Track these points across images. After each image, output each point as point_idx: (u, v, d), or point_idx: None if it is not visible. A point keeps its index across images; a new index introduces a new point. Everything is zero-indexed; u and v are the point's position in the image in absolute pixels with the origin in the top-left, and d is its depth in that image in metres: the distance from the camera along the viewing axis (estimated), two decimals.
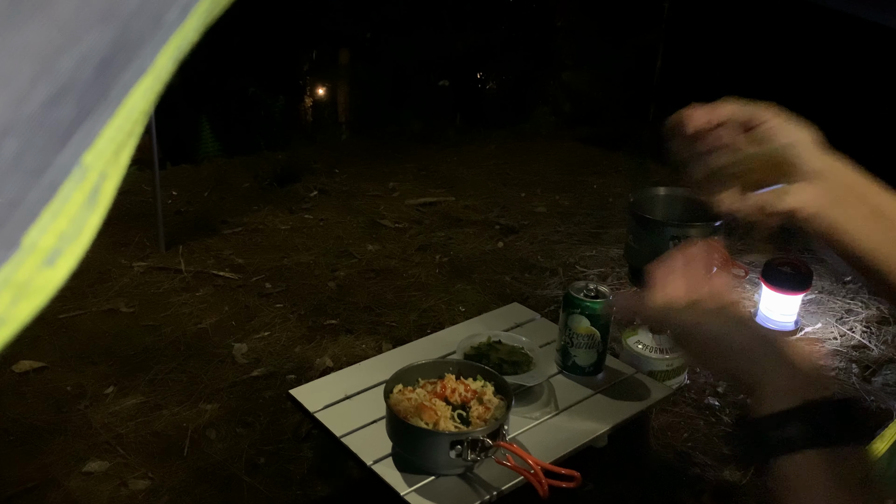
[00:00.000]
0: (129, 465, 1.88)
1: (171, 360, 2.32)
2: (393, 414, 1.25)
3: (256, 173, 4.10)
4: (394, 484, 1.25)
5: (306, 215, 3.58)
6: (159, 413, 2.08)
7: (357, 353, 2.35)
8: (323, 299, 2.74)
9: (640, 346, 1.97)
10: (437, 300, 2.75)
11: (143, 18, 0.20)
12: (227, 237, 3.29)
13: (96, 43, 0.19)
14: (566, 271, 3.01)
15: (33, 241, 0.19)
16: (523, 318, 1.86)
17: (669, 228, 1.72)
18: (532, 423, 1.42)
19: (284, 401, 2.08)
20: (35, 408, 2.08)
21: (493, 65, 6.41)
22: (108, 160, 0.20)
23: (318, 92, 6.38)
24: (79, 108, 0.19)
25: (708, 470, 1.86)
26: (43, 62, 0.18)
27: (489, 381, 1.36)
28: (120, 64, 0.20)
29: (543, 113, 5.87)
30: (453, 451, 1.20)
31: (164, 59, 0.21)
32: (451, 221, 3.54)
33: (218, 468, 1.88)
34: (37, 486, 1.80)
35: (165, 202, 3.54)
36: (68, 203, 0.19)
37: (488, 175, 4.28)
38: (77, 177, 0.20)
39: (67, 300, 2.63)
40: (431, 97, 6.06)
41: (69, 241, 0.20)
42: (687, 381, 2.20)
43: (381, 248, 3.22)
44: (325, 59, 6.28)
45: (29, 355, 2.28)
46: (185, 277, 2.87)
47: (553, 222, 3.55)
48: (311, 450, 1.94)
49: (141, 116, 0.21)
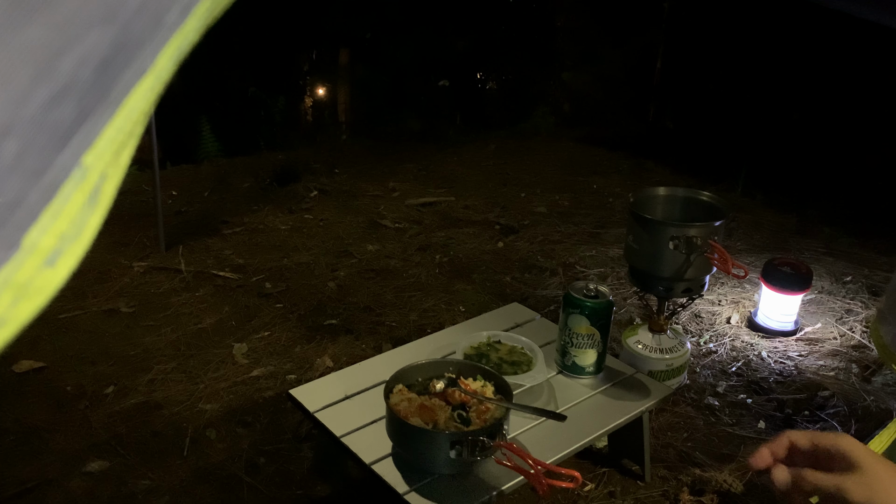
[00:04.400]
0: (129, 465, 1.88)
1: (171, 360, 2.32)
2: (393, 414, 1.25)
3: (256, 173, 4.10)
4: (394, 484, 1.25)
5: (306, 215, 3.58)
6: (159, 413, 2.08)
7: (357, 353, 2.35)
8: (323, 299, 2.74)
9: (639, 346, 1.97)
10: (437, 300, 2.75)
11: (143, 19, 0.20)
12: (227, 237, 3.29)
13: (96, 43, 0.19)
14: (566, 271, 3.01)
15: (34, 241, 0.19)
16: (523, 318, 1.86)
17: (669, 228, 1.72)
18: (532, 423, 1.42)
19: (284, 401, 2.08)
20: (35, 408, 2.08)
21: (493, 65, 6.42)
22: (108, 161, 0.20)
23: (318, 92, 6.39)
24: (79, 108, 0.19)
25: (708, 470, 1.86)
26: (43, 62, 0.18)
27: (489, 381, 1.36)
28: (120, 64, 0.20)
29: (543, 113, 5.87)
30: (453, 451, 1.20)
31: (165, 60, 0.21)
32: (451, 221, 3.55)
33: (218, 468, 1.88)
34: (37, 486, 1.80)
35: (165, 202, 3.54)
36: (69, 204, 0.19)
37: (488, 175, 4.28)
38: (77, 177, 0.20)
39: (67, 300, 2.63)
40: (431, 97, 6.06)
41: (69, 242, 0.20)
42: (686, 382, 2.20)
43: (381, 248, 3.22)
44: (325, 59, 6.29)
45: (29, 355, 2.28)
46: (185, 277, 2.87)
47: (553, 222, 3.55)
48: (311, 450, 1.94)
49: (141, 117, 0.21)
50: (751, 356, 2.42)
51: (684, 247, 1.70)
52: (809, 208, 3.74)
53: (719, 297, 2.81)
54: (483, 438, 1.19)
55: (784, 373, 2.34)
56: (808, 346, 2.50)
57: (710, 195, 1.88)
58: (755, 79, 4.88)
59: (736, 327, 2.61)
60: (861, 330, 2.59)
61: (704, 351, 2.45)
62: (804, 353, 2.46)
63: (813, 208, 3.74)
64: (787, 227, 3.54)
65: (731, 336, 2.54)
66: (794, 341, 2.53)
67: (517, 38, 6.21)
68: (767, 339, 2.53)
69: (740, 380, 2.29)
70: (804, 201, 3.82)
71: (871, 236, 3.40)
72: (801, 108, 4.68)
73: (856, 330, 2.60)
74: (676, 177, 4.19)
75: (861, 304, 2.78)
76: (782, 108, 4.77)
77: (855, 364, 2.40)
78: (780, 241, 3.37)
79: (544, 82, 6.21)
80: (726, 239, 2.20)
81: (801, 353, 2.46)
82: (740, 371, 2.34)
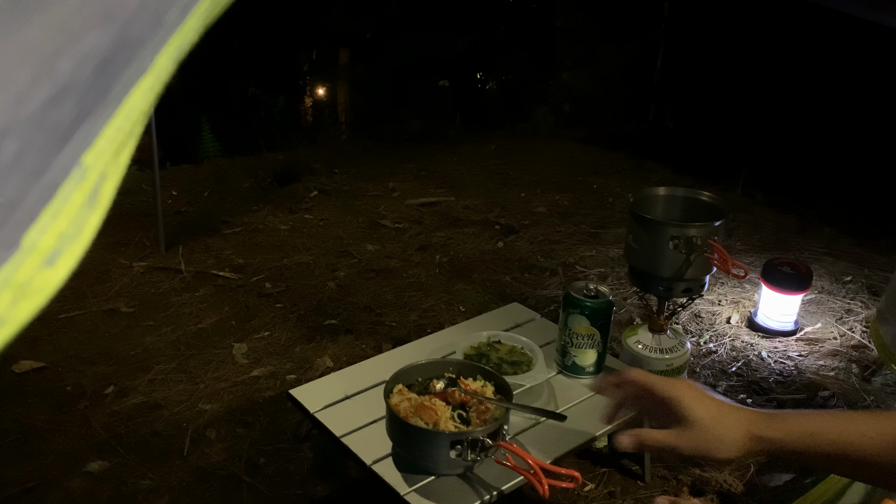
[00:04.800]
0: (129, 465, 1.88)
1: (171, 360, 2.32)
2: (393, 414, 1.25)
3: (256, 173, 4.10)
4: (394, 484, 1.25)
5: (306, 215, 3.58)
6: (159, 413, 2.08)
7: (357, 353, 2.35)
8: (323, 299, 2.74)
9: (639, 346, 1.97)
10: (437, 300, 2.75)
11: (143, 19, 0.20)
12: (227, 237, 3.29)
13: (96, 43, 0.19)
14: (566, 271, 3.01)
15: (33, 241, 0.19)
16: (523, 318, 1.86)
17: (669, 228, 1.71)
18: (532, 423, 1.42)
19: (284, 401, 2.08)
20: (35, 408, 2.08)
21: (493, 65, 6.42)
22: (107, 160, 0.20)
23: (318, 92, 6.39)
24: (79, 108, 0.19)
25: (708, 470, 1.86)
26: (43, 62, 0.18)
27: (489, 381, 1.36)
28: (120, 64, 0.20)
29: (543, 113, 5.87)
30: (453, 451, 1.20)
31: (164, 60, 0.21)
32: (451, 221, 3.54)
33: (218, 468, 1.88)
34: (37, 486, 1.80)
35: (165, 202, 3.54)
36: (68, 203, 0.19)
37: (488, 175, 4.28)
38: (77, 177, 0.20)
39: (67, 300, 2.63)
40: (431, 97, 6.06)
41: (69, 242, 0.20)
42: None
43: (381, 248, 3.22)
44: (325, 59, 6.29)
45: (29, 355, 2.28)
46: (185, 277, 2.87)
47: (553, 222, 3.55)
48: (311, 450, 1.94)
49: (141, 117, 0.21)
50: (751, 356, 2.42)
51: (684, 247, 1.70)
52: (809, 208, 3.74)
53: (719, 297, 2.81)
54: (483, 438, 1.19)
55: (784, 373, 2.34)
56: (808, 346, 2.50)
57: (710, 195, 1.88)
58: (755, 79, 4.88)
59: (736, 327, 2.61)
60: (861, 330, 2.59)
61: (704, 351, 2.45)
62: (804, 353, 2.46)
63: (813, 208, 3.74)
64: (787, 227, 3.54)
65: (731, 336, 2.54)
66: (794, 341, 2.53)
67: (517, 38, 6.21)
68: (767, 339, 2.53)
69: (740, 380, 2.29)
70: (804, 201, 3.82)
71: (871, 236, 3.40)
72: (802, 107, 4.68)
73: (856, 330, 2.60)
74: (676, 177, 4.19)
75: (861, 304, 2.78)
76: (782, 108, 4.77)
77: (855, 364, 2.40)
78: (780, 241, 3.37)
79: (544, 82, 6.21)
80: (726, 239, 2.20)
81: (801, 353, 2.46)
82: (740, 371, 2.34)
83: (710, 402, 0.80)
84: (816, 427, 0.74)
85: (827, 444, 0.73)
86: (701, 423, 0.78)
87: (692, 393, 0.81)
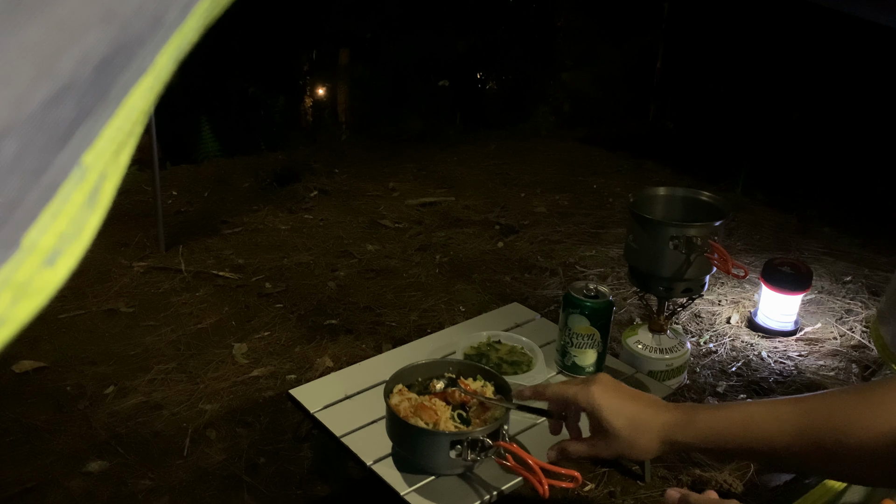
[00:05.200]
0: (129, 465, 1.88)
1: (171, 360, 2.32)
2: (393, 414, 1.25)
3: (256, 173, 4.09)
4: (394, 484, 1.25)
5: (306, 215, 3.58)
6: (159, 413, 2.08)
7: (357, 353, 2.35)
8: (323, 299, 2.74)
9: (639, 346, 1.97)
10: (437, 300, 2.75)
11: (143, 18, 0.20)
12: (227, 237, 3.29)
13: (96, 43, 0.19)
14: (566, 271, 3.01)
15: (33, 241, 0.19)
16: (523, 318, 1.86)
17: (669, 228, 1.72)
18: (532, 423, 1.42)
19: (284, 401, 2.08)
20: (35, 408, 2.08)
21: (493, 65, 6.42)
22: (108, 160, 0.20)
23: (318, 92, 6.39)
24: (79, 108, 0.19)
25: (708, 470, 1.86)
26: (43, 62, 0.18)
27: (489, 381, 1.36)
28: (120, 64, 0.20)
29: (543, 113, 5.87)
30: (453, 451, 1.20)
31: (165, 60, 0.21)
32: (451, 221, 3.54)
33: (218, 468, 1.88)
34: (37, 486, 1.80)
35: (165, 202, 3.54)
36: (68, 203, 0.19)
37: (488, 175, 4.28)
38: (77, 177, 0.20)
39: (67, 300, 2.63)
40: (431, 97, 6.07)
41: (69, 242, 0.20)
42: (687, 382, 2.20)
43: (381, 248, 3.22)
44: (325, 59, 6.29)
45: (29, 355, 2.28)
46: (185, 277, 2.87)
47: (553, 222, 3.55)
48: (311, 450, 1.94)
49: (141, 116, 0.21)
50: (751, 356, 2.42)
51: (684, 247, 1.70)
52: (809, 208, 3.74)
53: (719, 297, 2.81)
54: (483, 438, 1.19)
55: (784, 373, 2.34)
56: (808, 346, 2.50)
57: (710, 195, 1.88)
58: (755, 79, 4.88)
59: (736, 327, 2.61)
60: (861, 330, 2.59)
61: (704, 351, 2.45)
62: (804, 353, 2.46)
63: (813, 208, 3.74)
64: (787, 227, 3.54)
65: (731, 336, 2.54)
66: (794, 341, 2.53)
67: (517, 38, 6.21)
68: (767, 339, 2.53)
69: (740, 380, 2.29)
70: (804, 201, 3.82)
71: (871, 236, 3.40)
72: (802, 108, 4.68)
73: (856, 330, 2.60)
74: (676, 177, 4.19)
75: (861, 304, 2.78)
76: (782, 107, 4.77)
77: (855, 364, 2.40)
78: (780, 241, 3.37)
79: (544, 82, 6.21)
80: (726, 239, 2.20)
81: (801, 353, 2.46)
82: (740, 371, 2.34)
83: (626, 409, 0.89)
84: (723, 426, 0.82)
85: (732, 443, 0.81)
86: (617, 432, 0.88)
87: (609, 402, 0.90)
